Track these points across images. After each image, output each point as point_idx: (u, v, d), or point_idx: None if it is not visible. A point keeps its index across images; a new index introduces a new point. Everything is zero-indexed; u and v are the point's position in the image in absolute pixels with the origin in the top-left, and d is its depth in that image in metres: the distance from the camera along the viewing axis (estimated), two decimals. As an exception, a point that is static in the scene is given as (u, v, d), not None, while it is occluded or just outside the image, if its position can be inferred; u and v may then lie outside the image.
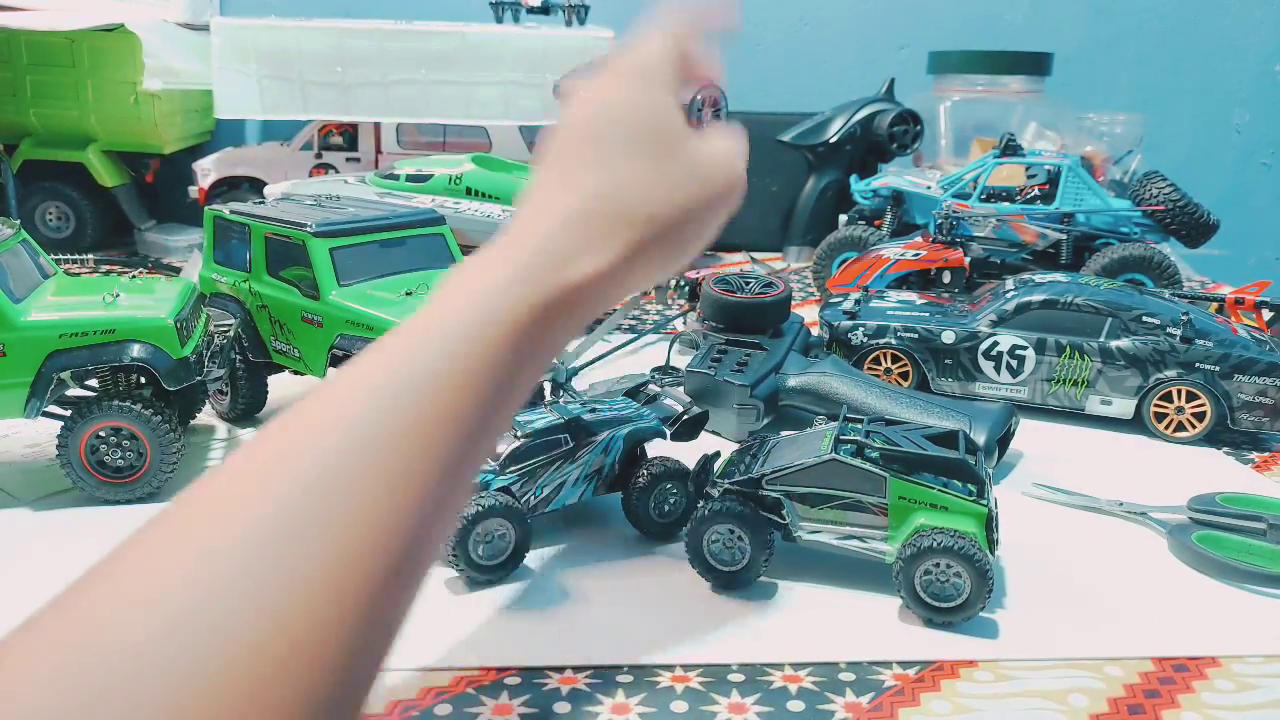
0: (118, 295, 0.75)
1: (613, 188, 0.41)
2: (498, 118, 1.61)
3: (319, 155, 1.64)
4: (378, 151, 1.66)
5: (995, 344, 0.96)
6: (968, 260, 1.23)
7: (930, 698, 0.54)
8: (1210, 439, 0.92)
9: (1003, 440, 0.84)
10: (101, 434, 0.72)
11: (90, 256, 1.51)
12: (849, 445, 0.64)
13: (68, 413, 0.73)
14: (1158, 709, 0.53)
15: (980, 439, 0.78)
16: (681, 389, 0.89)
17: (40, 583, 0.62)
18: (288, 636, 0.27)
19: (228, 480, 0.31)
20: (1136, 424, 0.94)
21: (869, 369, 1.00)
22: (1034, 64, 1.72)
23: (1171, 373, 0.91)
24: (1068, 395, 0.95)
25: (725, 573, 0.63)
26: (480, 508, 0.62)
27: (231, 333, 0.85)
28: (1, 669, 0.25)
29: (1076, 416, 0.96)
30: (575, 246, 0.39)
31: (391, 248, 0.84)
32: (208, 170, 1.60)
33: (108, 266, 1.49)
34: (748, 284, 1.02)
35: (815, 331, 1.07)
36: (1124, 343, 0.93)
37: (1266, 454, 0.90)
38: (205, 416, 0.91)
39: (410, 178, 1.22)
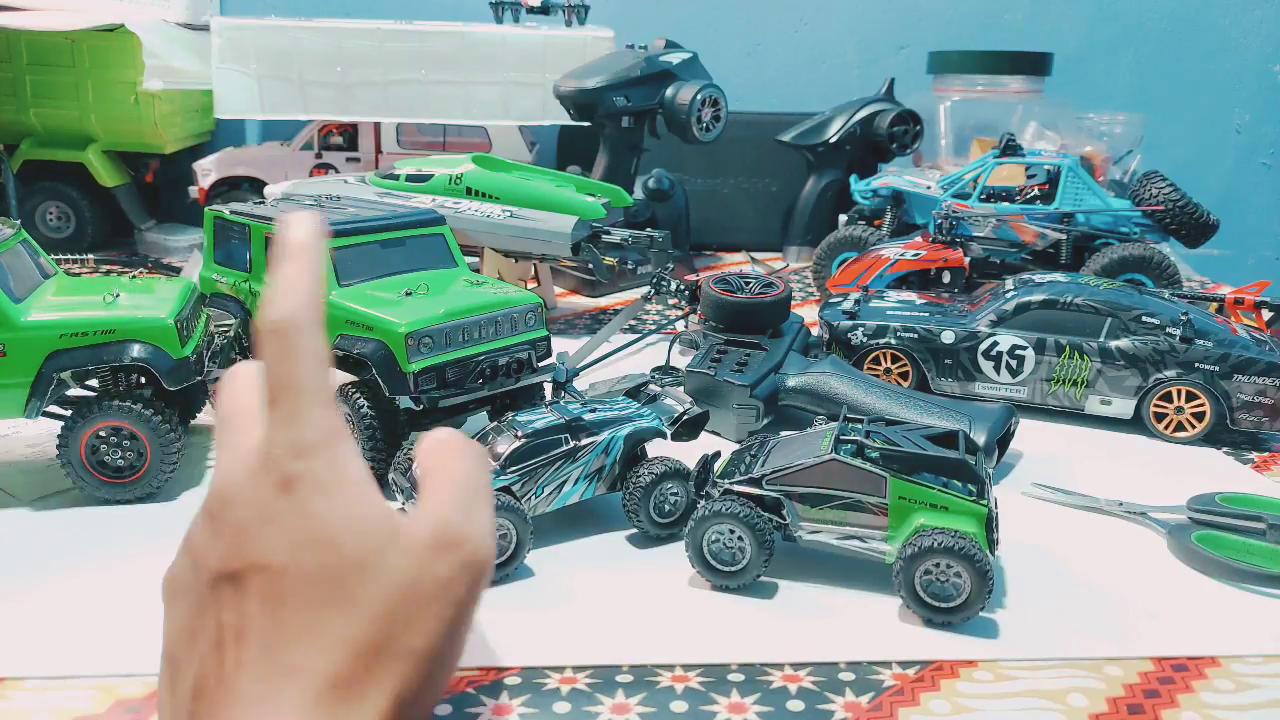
0: (118, 295, 0.75)
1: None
2: (497, 118, 1.61)
3: (319, 155, 1.64)
4: (378, 151, 1.66)
5: (995, 344, 0.96)
6: (967, 260, 1.23)
7: (930, 697, 0.54)
8: (1210, 439, 0.92)
9: (1003, 440, 0.84)
10: (102, 434, 0.72)
11: (90, 256, 1.51)
12: (849, 445, 0.64)
13: (68, 413, 0.73)
14: (1157, 709, 0.53)
15: (980, 439, 0.78)
16: (681, 389, 0.89)
17: (40, 582, 0.63)
18: None
19: None
20: (1136, 424, 0.94)
21: (869, 369, 1.00)
22: (1034, 64, 1.72)
23: (1171, 373, 0.91)
24: (1067, 395, 0.95)
25: (725, 573, 0.63)
26: (480, 508, 0.62)
27: (231, 333, 0.86)
28: None
29: (1076, 416, 0.96)
30: None
31: (391, 248, 0.84)
32: (208, 170, 1.60)
33: (108, 266, 1.49)
34: (748, 284, 1.02)
35: (815, 331, 1.07)
36: (1124, 343, 0.93)
37: (1266, 454, 0.90)
38: (205, 416, 0.91)
39: (410, 178, 1.22)
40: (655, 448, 0.73)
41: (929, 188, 1.38)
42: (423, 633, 0.38)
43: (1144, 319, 0.93)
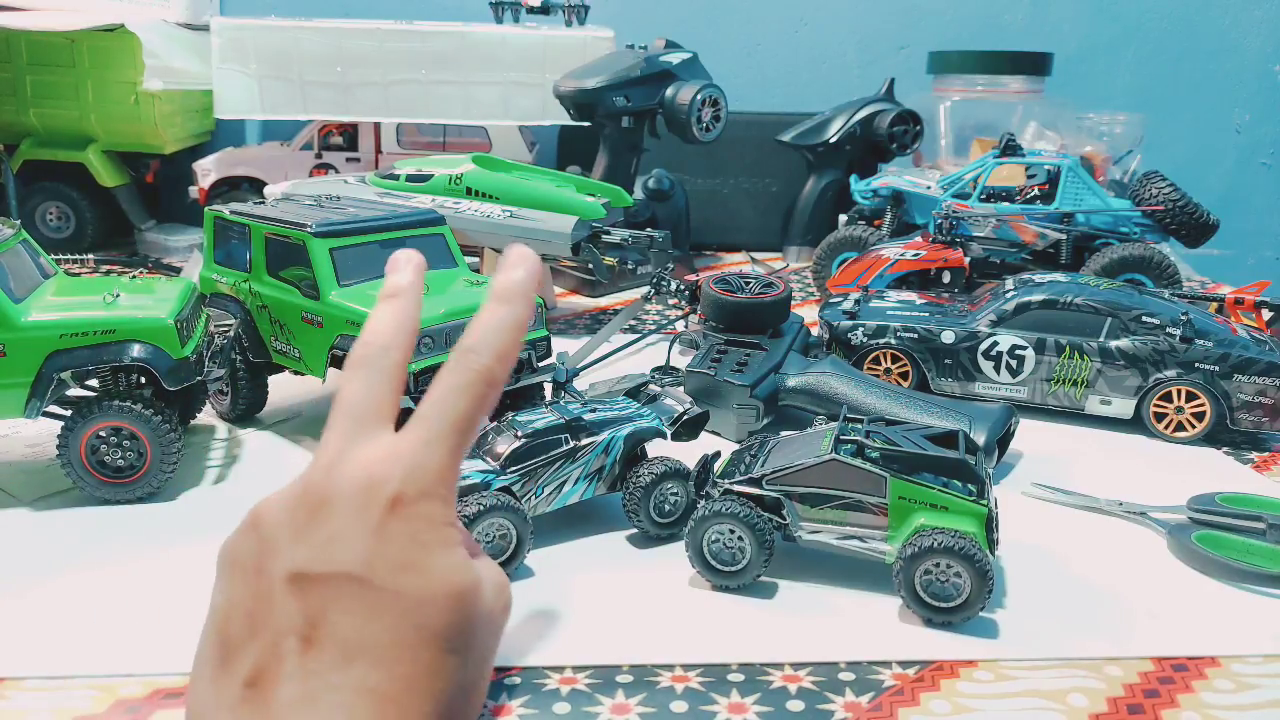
0: (118, 295, 0.75)
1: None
2: (497, 118, 1.61)
3: (319, 155, 1.64)
4: (378, 151, 1.66)
5: (995, 344, 0.96)
6: (967, 260, 1.23)
7: (930, 697, 0.54)
8: (1210, 439, 0.92)
9: (1003, 440, 0.84)
10: (102, 434, 0.72)
11: (90, 256, 1.51)
12: (849, 445, 0.64)
13: (68, 413, 0.73)
14: (1157, 709, 0.53)
15: (980, 439, 0.78)
16: (681, 389, 0.89)
17: (40, 582, 0.63)
18: None
19: None
20: (1136, 424, 0.94)
21: (869, 369, 1.00)
22: (1034, 64, 1.72)
23: (1171, 373, 0.91)
24: (1067, 395, 0.95)
25: (725, 573, 0.63)
26: (481, 507, 0.62)
27: (231, 333, 0.86)
28: None
29: (1076, 416, 0.96)
30: None
31: (392, 248, 0.84)
32: (208, 170, 1.60)
33: (108, 266, 1.49)
34: (748, 284, 1.02)
35: (815, 331, 1.07)
36: (1124, 343, 0.93)
37: (1266, 454, 0.90)
38: (205, 416, 0.91)
39: (410, 178, 1.22)
40: (655, 448, 0.73)
41: (929, 188, 1.38)
42: (478, 660, 0.44)
43: (1144, 319, 0.93)
